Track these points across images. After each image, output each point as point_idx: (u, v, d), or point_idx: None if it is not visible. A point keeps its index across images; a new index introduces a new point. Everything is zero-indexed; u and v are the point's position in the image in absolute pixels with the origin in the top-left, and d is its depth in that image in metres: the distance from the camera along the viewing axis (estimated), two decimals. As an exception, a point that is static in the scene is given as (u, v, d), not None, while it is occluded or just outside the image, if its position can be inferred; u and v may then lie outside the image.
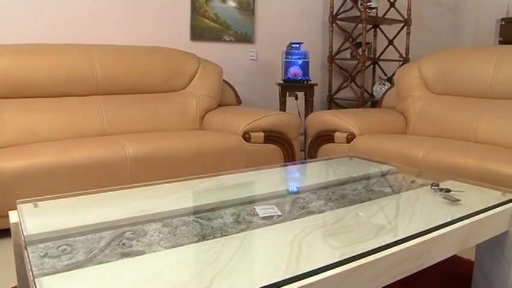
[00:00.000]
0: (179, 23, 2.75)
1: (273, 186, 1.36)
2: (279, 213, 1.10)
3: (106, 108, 2.28)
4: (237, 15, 2.94)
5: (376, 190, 1.29)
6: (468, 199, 1.18)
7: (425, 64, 2.38)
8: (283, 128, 2.27)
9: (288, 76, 2.75)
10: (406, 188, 1.31)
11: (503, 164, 1.60)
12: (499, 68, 2.09)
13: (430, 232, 0.96)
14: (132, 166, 1.89)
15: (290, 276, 0.75)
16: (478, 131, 2.05)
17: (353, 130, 2.15)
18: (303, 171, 1.53)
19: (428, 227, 0.97)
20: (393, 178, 1.43)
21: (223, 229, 1.02)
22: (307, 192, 1.29)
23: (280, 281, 0.74)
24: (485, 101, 2.13)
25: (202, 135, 2.11)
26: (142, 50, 2.44)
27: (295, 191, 1.30)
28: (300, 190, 1.31)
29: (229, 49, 2.95)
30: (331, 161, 1.68)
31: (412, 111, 2.34)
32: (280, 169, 1.56)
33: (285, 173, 1.51)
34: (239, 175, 1.48)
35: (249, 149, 2.16)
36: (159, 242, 0.95)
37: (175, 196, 1.24)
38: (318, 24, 3.34)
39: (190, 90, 2.52)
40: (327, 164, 1.64)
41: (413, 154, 1.86)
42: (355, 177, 1.44)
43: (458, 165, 1.71)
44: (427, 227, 0.97)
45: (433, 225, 0.99)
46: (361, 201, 1.19)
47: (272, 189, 1.31)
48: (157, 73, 2.44)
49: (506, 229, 1.16)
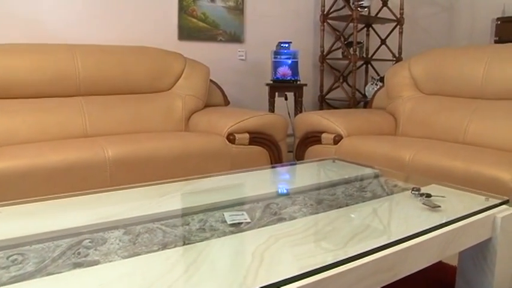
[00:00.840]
0: (166, 23, 2.70)
1: (248, 190, 1.30)
2: (248, 220, 1.05)
3: (89, 109, 2.23)
4: (225, 14, 2.89)
5: (355, 195, 1.24)
6: (449, 205, 1.12)
7: (415, 64, 2.33)
8: (269, 129, 2.22)
9: (277, 76, 2.70)
10: (386, 192, 1.26)
11: (490, 167, 1.54)
12: (489, 68, 2.03)
13: (405, 241, 0.91)
14: (112, 169, 1.84)
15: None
16: (468, 132, 1.99)
17: (340, 131, 2.10)
18: (282, 174, 1.48)
19: (403, 236, 0.92)
20: (375, 182, 1.38)
21: (186, 237, 0.97)
22: (282, 197, 1.24)
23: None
24: (476, 102, 2.07)
25: (185, 137, 2.06)
26: (127, 49, 2.39)
27: (269, 195, 1.25)
28: (275, 195, 1.25)
29: (218, 49, 2.90)
30: (314, 163, 1.62)
31: (402, 112, 2.29)
32: (259, 172, 1.50)
33: (264, 177, 1.46)
34: (217, 178, 1.43)
35: (233, 151, 2.11)
36: (117, 251, 0.90)
37: (146, 201, 1.19)
38: (309, 23, 3.29)
39: (176, 91, 2.47)
40: (308, 167, 1.58)
41: (400, 156, 1.80)
42: (335, 181, 1.39)
43: (444, 168, 1.65)
44: (401, 236, 0.92)
45: (408, 233, 0.94)
46: (338, 207, 1.13)
47: (246, 194, 1.26)
48: (142, 73, 2.39)
49: (489, 236, 1.11)
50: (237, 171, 1.53)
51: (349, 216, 1.04)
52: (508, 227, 1.11)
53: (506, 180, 1.49)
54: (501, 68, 1.98)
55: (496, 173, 1.52)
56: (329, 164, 1.59)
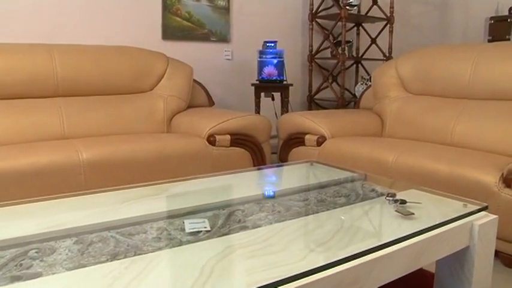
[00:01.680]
0: (150, 22, 2.64)
1: (217, 195, 1.24)
2: (207, 229, 0.99)
3: (67, 110, 2.17)
4: (211, 13, 2.83)
5: (327, 201, 1.18)
6: (424, 212, 1.06)
7: (403, 63, 2.26)
8: (252, 130, 2.16)
9: (262, 76, 2.64)
10: (361, 198, 1.20)
11: (474, 170, 1.48)
12: (476, 67, 1.97)
13: (370, 253, 0.85)
14: (86, 172, 1.78)
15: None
16: (455, 134, 1.93)
17: (323, 132, 2.04)
18: (256, 179, 1.42)
19: (368, 247, 0.86)
20: (351, 187, 1.31)
21: (139, 247, 0.91)
22: (251, 202, 1.18)
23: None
24: (463, 102, 2.01)
25: (163, 139, 2.00)
26: (108, 49, 2.33)
27: (237, 201, 1.19)
28: (243, 200, 1.19)
29: (203, 48, 2.84)
30: (291, 167, 1.56)
31: (389, 112, 2.23)
32: (234, 176, 1.44)
33: (237, 181, 1.40)
34: (189, 182, 1.37)
35: (214, 153, 2.05)
36: (63, 262, 0.84)
37: (107, 207, 1.13)
38: (297, 22, 3.23)
39: (158, 91, 2.41)
40: (284, 171, 1.52)
41: (383, 158, 1.74)
42: (309, 186, 1.33)
43: (428, 171, 1.59)
44: (367, 247, 0.86)
45: (375, 244, 0.88)
46: (306, 214, 1.07)
47: (213, 200, 1.20)
48: (122, 74, 2.33)
49: (466, 244, 1.05)
50: (212, 174, 1.47)
51: (315, 225, 0.98)
52: (487, 235, 1.05)
53: (490, 184, 1.43)
54: (488, 68, 1.92)
55: (479, 176, 1.46)
56: (307, 168, 1.53)
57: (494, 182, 1.42)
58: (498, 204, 1.41)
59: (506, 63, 1.86)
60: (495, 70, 1.89)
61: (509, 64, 1.85)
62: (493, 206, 1.42)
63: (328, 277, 0.77)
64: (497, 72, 1.88)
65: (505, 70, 1.86)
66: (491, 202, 1.43)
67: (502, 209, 1.41)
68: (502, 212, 1.41)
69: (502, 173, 1.44)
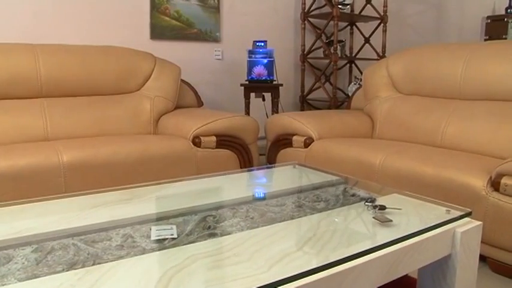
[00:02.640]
0: (138, 21, 2.60)
1: (191, 200, 1.19)
2: (174, 236, 0.94)
3: (51, 111, 2.13)
4: (200, 12, 2.79)
5: (305, 206, 1.13)
6: (404, 218, 1.01)
7: (393, 63, 2.21)
8: (238, 131, 2.11)
9: (252, 76, 2.59)
10: (341, 203, 1.15)
11: (462, 173, 1.43)
12: (467, 67, 1.92)
13: (340, 264, 0.80)
14: (66, 174, 1.74)
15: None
16: (445, 135, 1.88)
17: (311, 134, 1.99)
18: (234, 182, 1.37)
19: (340, 257, 0.81)
20: (332, 191, 1.27)
21: (99, 256, 0.86)
22: (225, 208, 1.13)
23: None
24: (454, 102, 1.96)
25: (146, 140, 1.95)
26: (93, 49, 2.29)
27: (212, 206, 1.15)
28: (217, 205, 1.15)
29: (193, 48, 2.79)
30: (273, 169, 1.52)
31: (379, 113, 2.18)
32: (212, 179, 1.40)
33: (215, 184, 1.35)
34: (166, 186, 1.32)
35: (199, 155, 2.01)
36: (16, 272, 0.80)
37: (75, 212, 1.09)
38: (289, 21, 3.18)
39: (144, 92, 2.37)
40: (265, 174, 1.48)
41: (370, 160, 1.69)
42: (288, 190, 1.28)
43: (415, 173, 1.54)
44: (339, 257, 0.81)
45: (347, 254, 0.83)
46: (280, 221, 1.03)
47: (187, 204, 1.16)
48: (108, 74, 2.28)
49: (448, 252, 1.00)
50: (192, 177, 1.42)
51: (287, 232, 0.94)
52: (469, 242, 1.00)
53: (478, 187, 1.38)
54: (479, 67, 1.87)
55: (467, 180, 1.41)
56: (289, 170, 1.48)
57: (482, 185, 1.38)
58: (486, 209, 1.36)
59: (497, 62, 1.81)
60: (486, 70, 1.84)
61: (500, 63, 1.80)
62: (480, 211, 1.37)
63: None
64: (488, 72, 1.83)
65: (496, 70, 1.81)
66: (479, 206, 1.38)
67: (489, 213, 1.36)
68: (490, 217, 1.36)
69: (491, 176, 1.39)
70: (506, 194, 1.33)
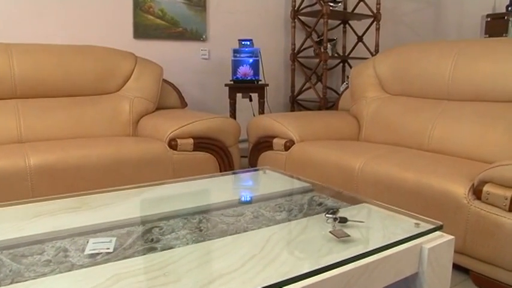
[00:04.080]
0: (120, 20, 2.53)
1: (143, 209, 1.11)
2: (109, 250, 0.87)
3: (25, 112, 2.07)
4: (186, 11, 2.71)
5: (264, 217, 1.05)
6: (364, 233, 0.92)
7: (380, 62, 2.11)
8: (218, 133, 2.03)
9: (237, 76, 2.51)
10: (303, 213, 1.06)
11: (443, 179, 1.33)
12: (456, 66, 1.81)
13: (282, 286, 0.72)
14: (34, 179, 1.67)
15: None
16: (432, 138, 1.78)
17: (292, 136, 1.90)
18: (196, 189, 1.29)
19: (279, 280, 0.72)
20: (298, 200, 1.18)
21: (21, 273, 0.79)
22: (177, 217, 1.05)
23: None
24: (443, 103, 1.85)
25: (120, 143, 1.88)
26: (71, 49, 2.23)
27: (163, 216, 1.07)
28: (169, 215, 1.07)
29: (178, 48, 2.72)
30: (241, 175, 1.43)
31: (365, 114, 2.08)
32: (173, 185, 1.32)
33: (172, 191, 1.27)
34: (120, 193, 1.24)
35: (175, 158, 1.93)
36: None
37: (11, 223, 1.01)
38: (279, 19, 3.09)
39: (124, 93, 2.30)
40: (231, 180, 1.39)
41: (350, 165, 1.60)
42: (251, 199, 1.19)
43: (394, 179, 1.45)
44: (277, 279, 0.72)
45: (288, 276, 0.74)
46: (231, 233, 0.94)
47: (136, 214, 1.08)
48: (86, 74, 2.22)
49: (414, 271, 0.91)
50: (152, 183, 1.34)
51: (231, 248, 0.85)
52: (439, 259, 0.91)
53: (459, 195, 1.28)
54: (468, 66, 1.77)
55: (448, 187, 1.31)
56: (258, 176, 1.40)
57: (464, 193, 1.28)
58: (467, 218, 1.26)
59: (486, 61, 1.71)
60: (475, 69, 1.74)
61: (489, 62, 1.70)
62: (462, 220, 1.28)
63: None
64: (477, 71, 1.73)
65: (485, 69, 1.70)
66: (460, 216, 1.28)
67: (471, 223, 1.26)
68: (472, 227, 1.26)
69: (473, 183, 1.30)
70: (489, 203, 1.23)
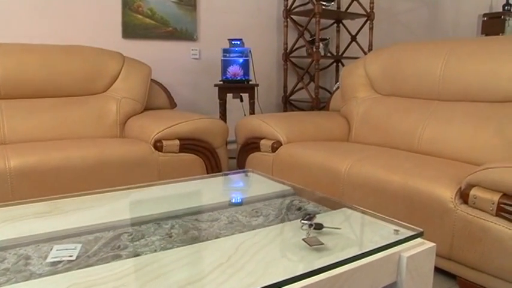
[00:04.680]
0: (108, 20, 2.50)
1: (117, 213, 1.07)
2: (72, 258, 0.83)
3: (8, 113, 2.04)
4: (176, 10, 2.67)
5: (239, 222, 1.01)
6: (340, 241, 0.88)
7: (371, 61, 2.07)
8: (205, 135, 1.99)
9: (227, 76, 2.47)
10: (280, 219, 1.03)
11: (430, 182, 1.29)
12: (447, 65, 1.77)
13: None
14: (14, 181, 1.64)
15: None
16: (422, 139, 1.74)
17: (279, 137, 1.86)
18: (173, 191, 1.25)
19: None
20: (278, 204, 1.14)
21: (-26, 284, 0.75)
22: (150, 223, 1.01)
23: None
24: (434, 104, 1.81)
25: (104, 144, 1.84)
26: (57, 49, 2.19)
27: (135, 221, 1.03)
28: (142, 220, 1.03)
29: (168, 47, 2.68)
30: (222, 177, 1.39)
31: (355, 115, 2.04)
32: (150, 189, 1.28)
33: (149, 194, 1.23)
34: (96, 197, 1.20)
35: (160, 160, 1.89)
36: None
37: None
38: (272, 19, 3.05)
39: (111, 93, 2.26)
40: (211, 183, 1.35)
41: (336, 167, 1.56)
42: (229, 203, 1.16)
43: (380, 182, 1.41)
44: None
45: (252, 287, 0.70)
46: (203, 240, 0.91)
47: (110, 218, 1.04)
48: (72, 74, 2.18)
49: (392, 280, 0.87)
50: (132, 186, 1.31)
51: (199, 256, 0.81)
52: (419, 267, 0.87)
53: (445, 199, 1.24)
54: (459, 66, 1.73)
55: (434, 190, 1.27)
56: (239, 179, 1.36)
57: (450, 197, 1.24)
58: (454, 223, 1.22)
59: (477, 61, 1.66)
60: (466, 69, 1.70)
61: (480, 62, 1.65)
62: (448, 225, 1.23)
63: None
64: (468, 71, 1.69)
65: (476, 69, 1.66)
66: (447, 220, 1.24)
67: (458, 228, 1.22)
68: (458, 232, 1.22)
69: (460, 186, 1.26)
70: (476, 207, 1.19)
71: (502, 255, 1.13)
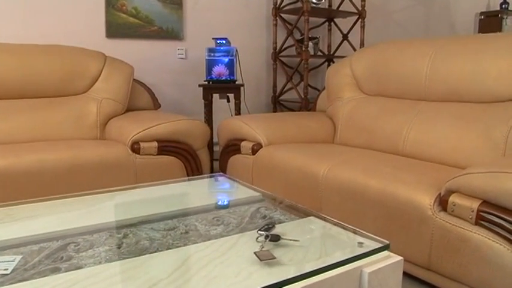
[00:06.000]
0: (92, 19, 2.44)
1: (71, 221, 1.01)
2: (7, 272, 0.77)
3: (-15, 115, 1.99)
4: (161, 8, 2.62)
5: (195, 232, 0.95)
6: (296, 254, 0.81)
7: (357, 60, 2.00)
8: (184, 136, 1.93)
9: (211, 76, 2.41)
10: (241, 228, 0.96)
11: (408, 188, 1.22)
12: (433, 64, 1.70)
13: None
14: (-16, 185, 1.59)
15: None
16: (407, 141, 1.67)
17: (260, 139, 1.80)
18: (136, 197, 1.19)
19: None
20: (242, 212, 1.08)
21: None
22: (103, 231, 0.95)
23: None
24: (420, 104, 1.74)
25: (79, 147, 1.79)
26: (35, 48, 2.14)
27: (84, 230, 0.97)
28: (94, 228, 0.97)
29: (153, 47, 2.63)
30: (189, 183, 1.33)
31: (341, 116, 1.97)
32: (111, 194, 1.22)
33: (109, 201, 1.17)
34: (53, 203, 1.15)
35: (138, 162, 1.84)
36: None
37: None
38: (261, 17, 2.98)
39: (92, 94, 2.21)
40: (177, 188, 1.29)
41: (315, 171, 1.49)
42: (191, 210, 1.10)
43: (358, 187, 1.34)
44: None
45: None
46: (152, 251, 0.85)
47: (61, 227, 0.98)
48: (51, 75, 2.13)
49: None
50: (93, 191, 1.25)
51: (142, 270, 0.75)
52: (383, 284, 0.80)
53: (424, 206, 1.17)
54: (445, 65, 1.65)
55: (413, 196, 1.20)
56: (208, 184, 1.30)
57: (429, 203, 1.17)
58: (432, 232, 1.16)
59: (463, 60, 1.59)
60: (452, 68, 1.62)
61: (466, 61, 1.58)
62: (427, 233, 1.17)
63: None
64: (454, 70, 1.61)
65: (462, 67, 1.59)
66: (425, 228, 1.17)
67: (436, 237, 1.15)
68: (437, 241, 1.15)
69: (440, 192, 1.19)
70: (455, 215, 1.12)
71: (481, 267, 1.06)
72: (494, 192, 1.05)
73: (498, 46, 1.55)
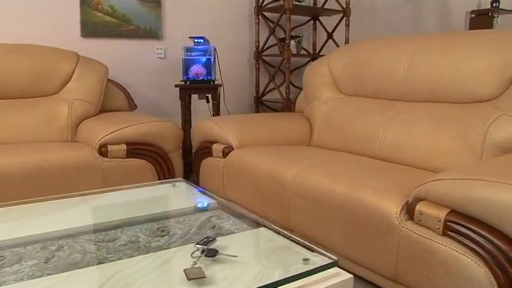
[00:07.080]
0: (66, 18, 2.37)
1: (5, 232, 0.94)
2: None
3: (-50, 116, 1.92)
4: (138, 7, 2.55)
5: (135, 244, 0.88)
6: (233, 272, 0.74)
7: (335, 59, 1.93)
8: (155, 139, 1.87)
9: (188, 76, 2.34)
10: (182, 241, 0.89)
11: (375, 194, 1.16)
12: (411, 63, 1.63)
13: None
14: None
15: None
16: (384, 143, 1.60)
17: (230, 142, 1.73)
18: (83, 205, 1.13)
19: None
20: (191, 222, 1.01)
21: None
22: (37, 243, 0.89)
23: None
24: (398, 105, 1.67)
25: (45, 149, 1.72)
26: (3, 47, 2.06)
27: (18, 241, 0.90)
28: (30, 240, 0.91)
29: (130, 46, 2.56)
30: (144, 189, 1.26)
31: (318, 117, 1.90)
32: (59, 202, 1.15)
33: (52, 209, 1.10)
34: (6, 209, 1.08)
35: (105, 166, 1.77)
36: None
37: None
38: (243, 16, 2.91)
39: (63, 95, 2.14)
40: (133, 193, 1.22)
41: (282, 175, 1.42)
42: (137, 219, 1.03)
43: (324, 193, 1.27)
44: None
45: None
46: (82, 266, 0.78)
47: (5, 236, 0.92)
48: (19, 75, 2.06)
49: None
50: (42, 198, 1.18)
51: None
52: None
53: (390, 214, 1.11)
54: (423, 63, 1.58)
55: (379, 203, 1.14)
56: (165, 190, 1.23)
57: (395, 212, 1.10)
58: (399, 242, 1.09)
59: (441, 58, 1.52)
60: (429, 67, 1.55)
61: (444, 59, 1.51)
62: (393, 244, 1.10)
63: None
64: (431, 69, 1.54)
65: (439, 67, 1.52)
66: (392, 238, 1.10)
67: (403, 247, 1.08)
68: (403, 252, 1.08)
69: (407, 200, 1.12)
70: (422, 225, 1.05)
71: (448, 281, 1.00)
72: (462, 201, 0.98)
73: (476, 42, 1.48)
